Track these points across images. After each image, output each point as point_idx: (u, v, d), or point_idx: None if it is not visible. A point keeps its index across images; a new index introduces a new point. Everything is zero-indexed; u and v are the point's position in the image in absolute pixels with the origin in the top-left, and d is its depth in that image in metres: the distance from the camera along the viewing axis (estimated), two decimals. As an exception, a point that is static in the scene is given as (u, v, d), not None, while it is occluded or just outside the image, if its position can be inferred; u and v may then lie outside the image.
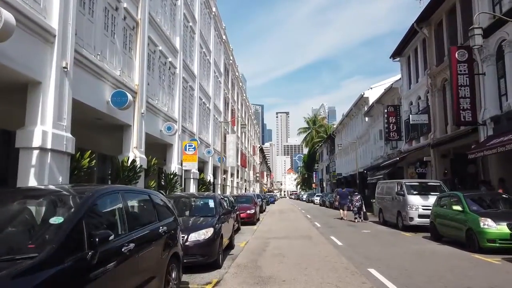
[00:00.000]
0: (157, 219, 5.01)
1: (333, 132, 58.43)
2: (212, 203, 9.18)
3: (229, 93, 36.29)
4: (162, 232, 4.92)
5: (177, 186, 16.91)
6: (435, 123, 20.89)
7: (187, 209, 9.32)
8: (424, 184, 16.19)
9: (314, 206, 45.41)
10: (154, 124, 15.14)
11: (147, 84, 14.18)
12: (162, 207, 5.51)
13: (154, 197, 5.31)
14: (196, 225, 8.05)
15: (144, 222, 4.63)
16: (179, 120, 18.17)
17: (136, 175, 12.29)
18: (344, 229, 16.24)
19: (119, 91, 10.90)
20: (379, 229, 16.28)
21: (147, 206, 5.04)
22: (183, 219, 8.54)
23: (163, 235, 4.94)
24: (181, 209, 9.29)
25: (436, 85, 20.78)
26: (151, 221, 4.86)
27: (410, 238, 13.05)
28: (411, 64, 24.87)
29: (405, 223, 15.13)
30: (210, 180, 25.66)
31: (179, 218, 8.60)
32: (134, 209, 4.60)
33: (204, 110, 25.10)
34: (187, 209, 9.32)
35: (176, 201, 9.59)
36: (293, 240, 12.77)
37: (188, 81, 20.24)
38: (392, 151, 28.84)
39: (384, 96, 29.79)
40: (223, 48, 32.93)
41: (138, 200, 4.81)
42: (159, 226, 4.92)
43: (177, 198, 9.81)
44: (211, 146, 26.45)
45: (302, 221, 21.52)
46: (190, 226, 7.98)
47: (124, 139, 12.69)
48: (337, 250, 10.44)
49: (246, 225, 18.20)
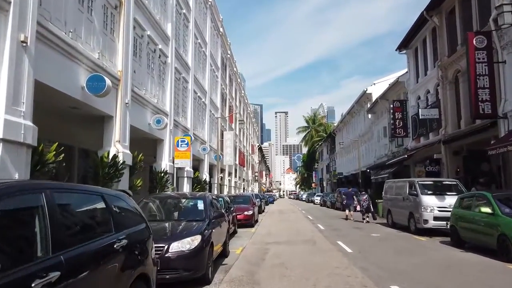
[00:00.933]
0: (113, 230, 3.58)
1: (334, 131, 57.05)
2: (201, 204, 7.75)
3: (226, 88, 34.84)
4: (119, 248, 3.49)
5: (168, 186, 15.48)
6: (446, 117, 19.50)
7: (171, 212, 7.89)
8: (439, 183, 14.77)
9: (314, 206, 44.00)
10: (142, 116, 13.71)
11: (133, 71, 12.74)
12: (125, 213, 4.09)
13: (112, 199, 3.85)
14: (181, 232, 6.62)
15: (89, 236, 3.19)
16: (170, 113, 16.73)
17: (118, 172, 10.87)
18: (351, 233, 14.82)
19: (95, 75, 9.46)
20: (389, 232, 14.87)
21: (97, 212, 3.59)
22: (165, 224, 7.11)
23: (120, 252, 3.52)
24: (165, 212, 7.88)
25: (447, 78, 19.38)
26: (102, 233, 3.43)
27: (427, 244, 11.63)
28: (419, 56, 23.46)
29: (418, 226, 13.72)
30: (206, 179, 24.22)
31: (162, 224, 7.22)
32: (71, 217, 3.16)
33: (199, 105, 23.65)
34: (172, 212, 7.88)
35: (160, 202, 8.16)
36: (295, 245, 11.35)
37: (181, 72, 18.80)
38: (397, 149, 27.44)
39: (389, 92, 28.38)
40: (220, 42, 31.48)
41: (80, 204, 3.34)
42: (114, 239, 3.48)
43: (161, 199, 8.38)
44: (207, 143, 25.01)
45: (303, 222, 20.10)
46: (172, 234, 6.56)
47: (105, 132, 11.26)
48: (347, 258, 9.02)
49: (244, 227, 16.78)
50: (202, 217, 7.38)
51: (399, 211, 15.76)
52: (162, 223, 7.13)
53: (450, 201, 13.24)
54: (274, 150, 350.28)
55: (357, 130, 41.70)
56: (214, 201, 9.21)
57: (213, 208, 8.42)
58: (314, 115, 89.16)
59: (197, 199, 8.04)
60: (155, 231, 6.64)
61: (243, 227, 16.77)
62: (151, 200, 8.19)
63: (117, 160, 10.73)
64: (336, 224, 18.82)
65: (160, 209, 7.94)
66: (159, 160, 16.01)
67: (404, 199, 15.09)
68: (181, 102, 19.27)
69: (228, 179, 35.01)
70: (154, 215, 7.65)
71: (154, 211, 7.83)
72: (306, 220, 21.51)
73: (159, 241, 6.16)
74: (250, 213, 17.53)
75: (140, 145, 16.19)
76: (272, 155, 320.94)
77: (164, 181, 15.28)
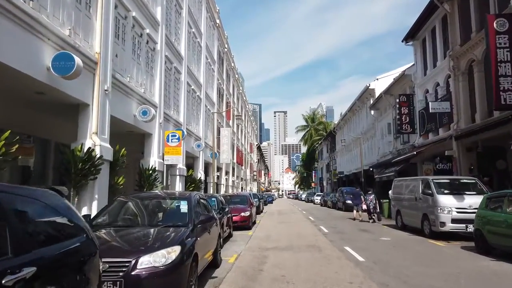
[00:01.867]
0: (10, 252, 2.15)
1: (334, 129, 55.64)
2: (185, 206, 6.31)
3: (223, 84, 33.39)
4: (12, 284, 2.05)
5: (157, 184, 14.06)
6: (458, 111, 18.10)
7: (147, 216, 6.45)
8: (456, 181, 13.38)
9: (314, 206, 42.59)
10: (126, 107, 12.28)
11: (115, 55, 11.32)
12: (41, 223, 2.65)
13: (12, 201, 2.38)
14: (155, 241, 5.20)
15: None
16: (160, 105, 15.31)
17: (95, 168, 9.46)
18: (358, 236, 13.42)
19: (62, 53, 8.03)
20: (400, 235, 13.47)
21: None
22: (136, 231, 5.69)
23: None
24: (140, 216, 6.46)
25: (460, 68, 17.98)
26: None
27: (448, 250, 10.23)
28: (427, 47, 22.05)
29: (433, 229, 12.32)
30: (201, 177, 22.80)
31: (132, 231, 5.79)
32: None
33: (193, 99, 22.22)
34: (148, 216, 6.45)
35: (135, 203, 6.73)
36: (298, 252, 9.93)
37: (172, 61, 17.37)
38: (403, 146, 26.05)
39: (394, 86, 26.97)
40: (217, 34, 30.05)
41: None
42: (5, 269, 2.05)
43: (137, 199, 6.93)
44: (202, 139, 23.58)
45: (305, 224, 18.69)
46: (143, 244, 5.14)
47: (79, 122, 9.85)
48: (360, 269, 7.61)
49: (240, 229, 15.37)
50: (184, 222, 5.95)
51: (411, 212, 14.36)
52: (133, 229, 5.71)
53: (469, 202, 11.90)
54: (273, 150, 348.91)
55: (358, 128, 40.30)
56: (203, 202, 7.79)
57: (200, 210, 7.00)
58: (313, 113, 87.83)
59: (180, 200, 6.60)
60: (121, 240, 5.22)
61: (239, 229, 15.36)
62: (125, 200, 6.76)
63: (92, 154, 9.32)
64: (340, 226, 17.41)
65: (134, 212, 6.52)
66: (147, 157, 14.60)
67: (417, 199, 13.70)
68: (172, 94, 17.84)
69: (225, 178, 33.58)
70: (125, 219, 6.23)
71: (126, 214, 6.41)
72: (308, 222, 20.10)
73: (124, 254, 4.76)
74: (247, 214, 16.11)
75: (126, 139, 14.80)
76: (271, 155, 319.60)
77: (153, 180, 13.87)
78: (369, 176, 33.22)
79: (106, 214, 6.26)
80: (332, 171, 55.93)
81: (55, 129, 11.36)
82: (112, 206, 6.44)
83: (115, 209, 6.44)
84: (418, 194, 13.63)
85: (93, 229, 5.79)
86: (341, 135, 49.17)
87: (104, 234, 5.41)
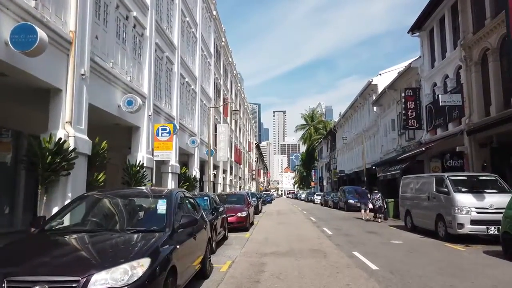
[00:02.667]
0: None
1: (335, 127, 54.46)
2: (163, 206, 5.07)
3: (220, 79, 32.14)
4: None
5: (145, 182, 12.82)
6: (471, 104, 16.91)
7: (116, 218, 5.21)
8: (474, 178, 12.16)
9: (314, 206, 41.39)
10: (108, 95, 11.04)
11: (94, 36, 10.09)
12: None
13: None
14: (115, 253, 3.96)
15: None
16: (149, 96, 14.08)
17: (68, 162, 8.22)
18: (366, 239, 12.20)
19: (22, 24, 6.79)
20: (412, 238, 12.26)
21: None
22: (96, 238, 4.46)
23: None
24: (107, 218, 5.23)
25: (472, 58, 16.79)
26: None
27: (470, 255, 9.03)
28: (435, 38, 20.85)
29: (449, 231, 11.13)
30: (196, 175, 21.58)
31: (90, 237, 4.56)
32: None
33: (188, 92, 20.98)
34: (117, 218, 5.20)
35: (103, 202, 5.50)
36: (300, 259, 8.71)
37: (164, 50, 16.13)
38: (408, 143, 24.85)
39: (399, 80, 25.76)
40: (214, 26, 28.80)
41: None
42: None
43: (107, 196, 5.68)
44: (197, 136, 22.35)
45: (306, 225, 17.47)
46: (100, 256, 3.90)
47: (51, 110, 8.60)
48: (375, 281, 6.40)
49: (236, 231, 14.16)
50: (161, 226, 4.73)
51: (422, 212, 13.16)
52: (93, 236, 4.47)
53: (490, 201, 10.73)
54: (272, 150, 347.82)
55: (360, 125, 39.13)
56: (189, 201, 6.57)
57: (184, 210, 5.78)
58: (313, 112, 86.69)
59: (158, 198, 5.37)
60: (73, 251, 4.01)
61: (235, 231, 14.15)
62: (91, 198, 5.51)
63: (64, 147, 8.08)
64: (345, 227, 16.20)
65: (100, 213, 5.28)
66: (135, 152, 13.37)
67: (430, 198, 12.50)
68: (164, 86, 16.60)
69: (222, 176, 32.35)
70: (86, 223, 4.99)
71: (89, 215, 5.17)
72: (309, 223, 18.88)
73: (71, 270, 3.54)
74: (244, 214, 14.88)
75: (113, 133, 13.58)
76: (270, 155, 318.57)
77: (140, 177, 12.64)
78: (372, 174, 32.07)
79: (64, 215, 5.04)
80: (332, 170, 54.77)
81: (27, 119, 10.11)
82: (73, 206, 5.21)
83: (77, 210, 5.22)
84: (431, 193, 12.43)
85: (43, 234, 4.58)
86: (342, 133, 47.99)
87: (53, 242, 4.19)
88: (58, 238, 4.34)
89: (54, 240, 4.24)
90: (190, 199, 6.74)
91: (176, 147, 17.44)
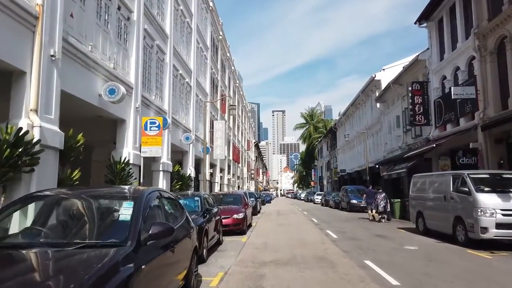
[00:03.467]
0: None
1: (335, 125, 53.20)
2: (127, 210, 3.82)
3: (218, 74, 30.87)
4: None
5: (131, 180, 11.59)
6: (485, 97, 15.70)
7: (63, 227, 3.95)
8: (498, 176, 10.93)
9: (315, 206, 40.16)
10: (87, 83, 9.79)
11: (68, 14, 8.85)
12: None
13: None
14: (42, 282, 2.71)
15: None
16: (137, 87, 12.83)
17: (32, 157, 6.99)
18: (376, 244, 10.97)
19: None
20: (427, 243, 11.03)
21: None
22: (25, 258, 3.21)
23: None
24: (51, 226, 3.97)
25: (487, 47, 15.58)
26: None
27: (502, 265, 7.81)
28: (445, 28, 19.64)
29: (471, 235, 9.91)
30: (191, 174, 20.33)
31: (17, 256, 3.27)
32: None
33: (182, 86, 19.72)
34: (64, 227, 3.94)
35: (51, 204, 4.24)
36: (304, 269, 7.48)
37: (154, 38, 14.88)
38: (414, 140, 23.63)
39: (404, 74, 24.50)
40: (210, 18, 27.54)
41: None
42: None
43: (56, 198, 4.39)
44: (192, 132, 21.11)
45: (308, 227, 16.24)
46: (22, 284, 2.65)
47: (12, 95, 7.36)
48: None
49: (232, 234, 12.95)
50: (121, 238, 3.49)
51: (437, 214, 11.93)
52: (24, 254, 3.22)
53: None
54: (271, 149, 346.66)
55: (362, 123, 37.88)
56: (170, 203, 5.33)
57: (160, 216, 4.54)
58: (312, 111, 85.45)
59: (122, 200, 4.12)
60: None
61: (231, 234, 12.94)
62: (36, 199, 4.25)
63: (26, 138, 6.84)
64: (350, 229, 14.97)
65: (45, 219, 4.02)
66: (120, 147, 12.13)
67: (446, 198, 11.27)
68: (155, 77, 15.34)
69: (219, 175, 31.10)
70: (23, 233, 3.73)
71: (31, 222, 3.92)
72: (311, 224, 17.64)
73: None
74: (241, 216, 13.64)
75: (96, 126, 12.39)
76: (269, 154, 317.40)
77: (126, 175, 11.41)
78: (375, 173, 30.87)
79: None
80: (332, 169, 53.56)
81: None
82: (10, 210, 3.95)
83: (18, 215, 3.96)
84: (448, 193, 11.21)
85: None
86: (343, 131, 46.75)
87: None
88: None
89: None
90: (171, 201, 5.50)
91: (168, 143, 16.22)
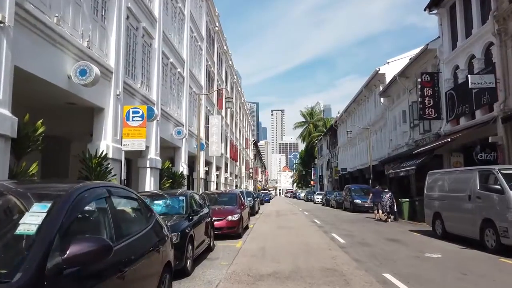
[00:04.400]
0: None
1: (336, 123, 51.72)
2: (35, 218, 2.32)
3: (214, 67, 29.35)
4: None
5: (109, 177, 10.08)
6: (506, 87, 14.22)
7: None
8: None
9: (315, 206, 38.70)
10: (52, 60, 8.28)
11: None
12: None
13: None
14: None
15: None
16: (118, 71, 11.33)
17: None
18: (392, 252, 9.48)
19: None
20: (450, 250, 9.55)
21: None
22: None
23: None
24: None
25: (508, 31, 14.10)
26: None
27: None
28: (458, 14, 18.16)
29: (505, 241, 8.43)
30: (184, 172, 18.85)
31: None
32: None
33: (173, 75, 18.21)
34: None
35: None
36: (312, 286, 5.99)
37: (139, 19, 13.37)
38: (422, 136, 22.15)
39: (412, 66, 23.00)
40: (206, 8, 26.03)
41: None
42: None
43: None
44: (186, 126, 19.62)
45: (310, 230, 14.75)
46: None
47: None
48: None
49: (225, 238, 11.45)
50: (13, 265, 1.98)
51: (460, 216, 10.45)
52: None
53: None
54: (270, 149, 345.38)
55: (365, 119, 36.41)
56: (126, 204, 3.84)
57: (102, 224, 3.03)
58: (312, 109, 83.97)
59: (35, 200, 2.63)
60: None
61: (224, 238, 11.44)
62: None
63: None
64: (357, 232, 13.49)
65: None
66: (97, 140, 10.63)
67: (472, 198, 9.79)
68: (140, 63, 13.83)
69: (216, 174, 29.59)
70: None
71: None
72: (314, 227, 16.15)
73: None
74: (236, 218, 12.13)
75: (70, 116, 10.91)
76: (268, 153, 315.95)
77: (102, 171, 9.91)
78: (378, 172, 29.40)
79: None
80: (333, 168, 52.10)
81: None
82: None
83: None
84: (473, 191, 9.73)
85: None
86: (344, 129, 45.32)
87: None
88: None
89: None
90: (132, 201, 4.00)
91: (156, 137, 14.73)
